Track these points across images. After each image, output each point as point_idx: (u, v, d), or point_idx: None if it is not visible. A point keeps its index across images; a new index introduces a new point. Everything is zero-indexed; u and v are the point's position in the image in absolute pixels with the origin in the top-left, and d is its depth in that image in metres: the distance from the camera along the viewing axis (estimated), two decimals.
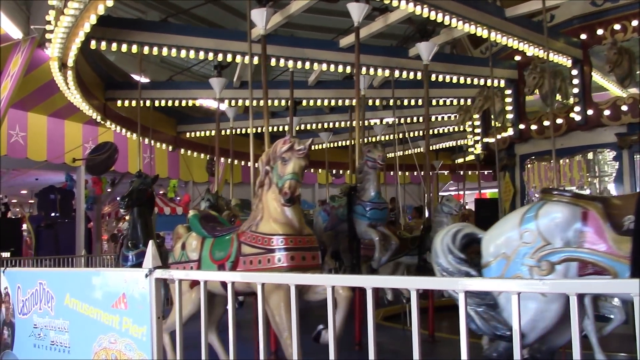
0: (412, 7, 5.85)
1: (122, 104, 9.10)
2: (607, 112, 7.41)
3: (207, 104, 11.24)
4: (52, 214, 13.10)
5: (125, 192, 5.64)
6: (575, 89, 7.83)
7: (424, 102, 7.54)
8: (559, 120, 7.71)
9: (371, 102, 10.05)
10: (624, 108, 7.27)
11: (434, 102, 9.94)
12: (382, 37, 9.06)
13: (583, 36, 7.76)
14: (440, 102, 10.33)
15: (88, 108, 8.71)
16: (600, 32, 7.59)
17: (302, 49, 7.48)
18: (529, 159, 8.67)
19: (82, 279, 3.02)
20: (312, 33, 11.16)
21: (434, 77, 8.24)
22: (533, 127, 8.33)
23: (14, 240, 11.45)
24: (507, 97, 9.03)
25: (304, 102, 9.81)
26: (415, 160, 10.49)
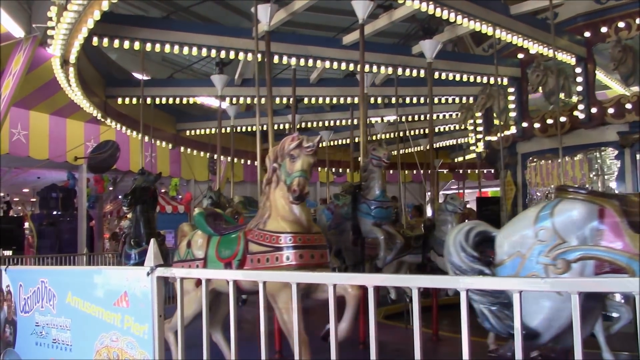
0: (417, 3, 5.82)
1: (122, 102, 9.10)
2: (611, 110, 7.38)
3: (208, 102, 11.22)
4: (54, 213, 13.12)
5: (128, 190, 5.63)
6: (579, 87, 7.80)
7: (429, 100, 7.50)
8: (562, 119, 7.68)
9: (373, 100, 10.03)
10: (628, 106, 7.24)
11: (435, 99, 9.91)
12: (383, 35, 9.03)
13: (587, 34, 7.72)
14: (443, 100, 10.29)
15: (89, 105, 8.70)
16: (604, 29, 7.55)
17: (305, 46, 7.45)
18: (530, 158, 8.64)
19: (84, 277, 3.01)
20: (313, 31, 11.12)
21: (436, 75, 8.21)
22: (536, 125, 8.30)
23: (16, 239, 11.49)
24: (510, 95, 9.00)
25: (305, 100, 9.79)
26: (416, 158, 10.46)
